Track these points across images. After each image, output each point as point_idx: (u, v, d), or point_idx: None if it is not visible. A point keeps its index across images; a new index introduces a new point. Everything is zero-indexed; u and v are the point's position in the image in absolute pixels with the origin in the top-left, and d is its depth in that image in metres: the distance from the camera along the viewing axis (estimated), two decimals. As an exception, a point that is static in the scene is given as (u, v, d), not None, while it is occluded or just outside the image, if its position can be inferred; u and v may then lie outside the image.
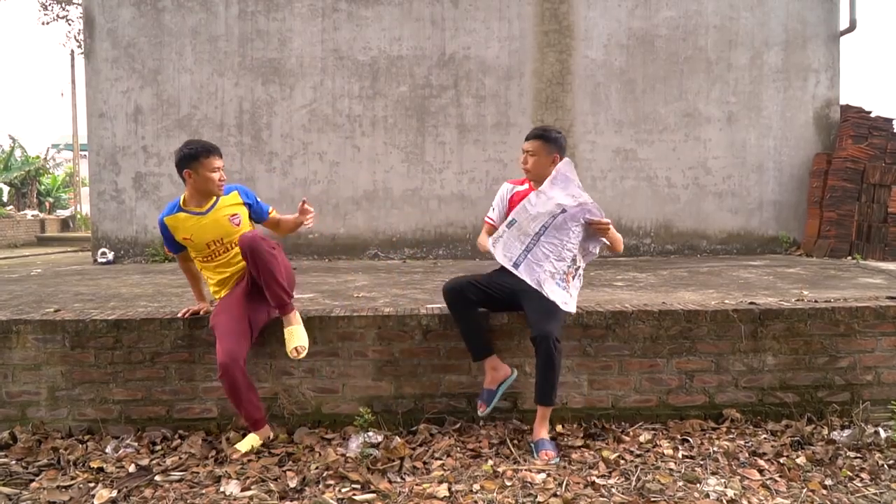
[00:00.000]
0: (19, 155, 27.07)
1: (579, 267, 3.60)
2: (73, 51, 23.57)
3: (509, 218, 3.55)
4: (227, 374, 3.27)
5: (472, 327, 3.58)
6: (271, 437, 3.53)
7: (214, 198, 3.64)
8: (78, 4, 16.80)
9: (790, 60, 8.41)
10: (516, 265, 3.47)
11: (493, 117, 8.37)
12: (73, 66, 24.95)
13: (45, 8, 18.30)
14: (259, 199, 3.81)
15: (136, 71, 8.29)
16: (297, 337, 3.47)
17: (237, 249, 3.53)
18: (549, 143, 3.58)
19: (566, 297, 3.47)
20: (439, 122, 8.36)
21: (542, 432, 3.40)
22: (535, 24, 8.32)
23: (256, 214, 3.73)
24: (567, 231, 3.48)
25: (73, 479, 3.15)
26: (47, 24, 18.79)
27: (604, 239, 3.60)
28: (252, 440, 3.44)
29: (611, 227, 3.55)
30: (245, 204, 3.71)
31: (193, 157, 3.64)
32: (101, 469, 3.24)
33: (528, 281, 3.43)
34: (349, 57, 8.32)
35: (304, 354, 3.45)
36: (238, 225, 3.59)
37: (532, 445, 3.37)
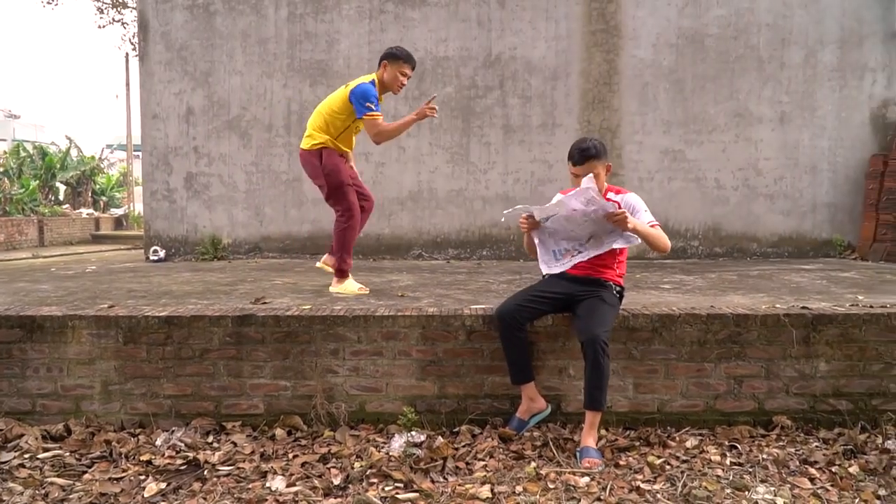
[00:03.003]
0: (75, 155, 27.90)
1: (580, 252, 3.57)
2: (127, 54, 24.25)
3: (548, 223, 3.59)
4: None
5: (518, 352, 3.58)
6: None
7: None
8: (133, 8, 17.25)
9: (846, 59, 8.17)
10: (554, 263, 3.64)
11: (539, 118, 8.33)
12: (127, 68, 25.64)
13: (101, 12, 18.85)
14: (364, 104, 4.57)
15: (189, 73, 8.47)
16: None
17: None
18: (600, 159, 3.58)
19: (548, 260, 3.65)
20: (484, 123, 8.35)
21: (589, 440, 3.36)
22: (583, 24, 8.25)
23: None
24: (576, 221, 3.47)
25: (124, 471, 3.23)
26: (103, 27, 19.40)
27: (630, 234, 3.44)
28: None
29: (630, 219, 3.37)
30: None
31: (395, 57, 4.64)
32: (150, 462, 3.32)
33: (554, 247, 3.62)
34: (395, 58, 8.34)
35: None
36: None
37: (577, 453, 3.33)
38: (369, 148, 8.35)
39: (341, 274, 4.88)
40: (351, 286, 4.85)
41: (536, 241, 3.67)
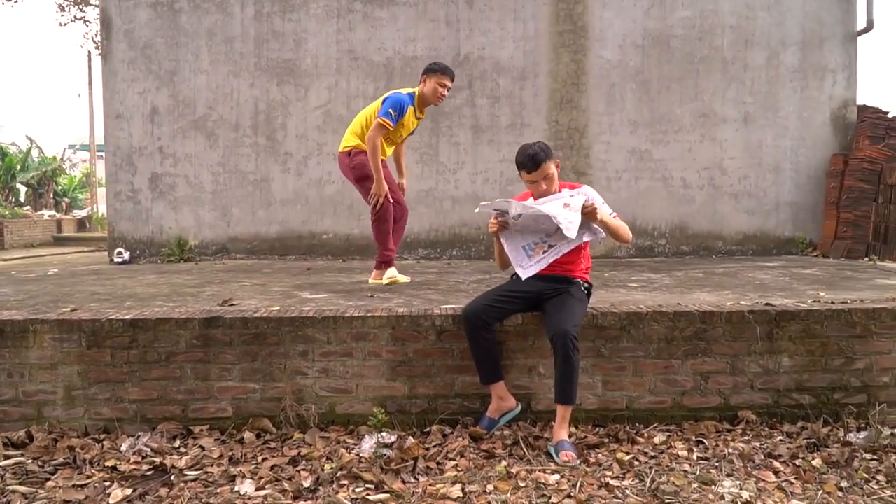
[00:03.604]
0: (36, 155, 27.34)
1: (552, 245, 3.60)
2: (90, 52, 23.83)
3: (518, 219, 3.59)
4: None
5: (485, 352, 3.59)
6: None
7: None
8: (95, 6, 16.95)
9: (807, 60, 8.34)
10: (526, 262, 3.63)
11: (508, 118, 8.36)
12: (90, 67, 25.21)
13: (63, 9, 18.49)
14: (387, 109, 4.77)
15: (153, 72, 8.35)
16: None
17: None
18: (550, 158, 3.59)
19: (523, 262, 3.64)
20: (454, 123, 8.36)
21: (563, 433, 3.38)
22: (550, 25, 8.31)
23: None
24: (545, 219, 3.49)
25: (88, 477, 3.17)
26: (65, 25, 19.03)
27: (597, 226, 3.57)
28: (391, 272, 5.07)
29: (600, 211, 3.50)
30: None
31: (433, 71, 4.86)
32: (115, 468, 3.26)
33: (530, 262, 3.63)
34: (364, 58, 8.34)
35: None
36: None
37: (552, 448, 3.35)
38: (338, 147, 8.31)
39: (386, 265, 5.16)
40: (394, 273, 5.12)
41: (504, 241, 3.66)
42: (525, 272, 3.61)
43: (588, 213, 3.46)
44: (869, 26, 8.32)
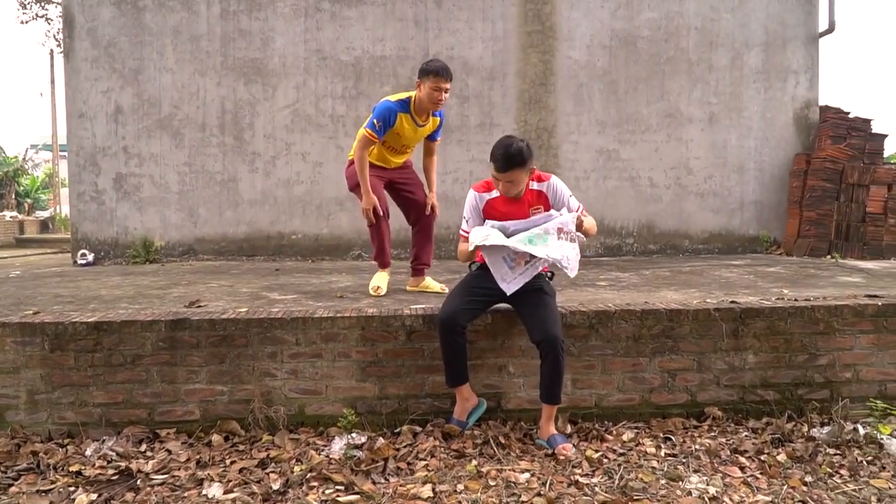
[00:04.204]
0: (-3, 155, 26.76)
1: (533, 255, 3.43)
2: (52, 50, 23.37)
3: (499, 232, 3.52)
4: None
5: (457, 354, 3.57)
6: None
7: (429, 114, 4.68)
8: (57, 3, 16.62)
9: (770, 62, 8.48)
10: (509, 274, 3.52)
11: (477, 118, 8.38)
12: (52, 65, 24.72)
13: (24, 7, 18.10)
14: (371, 119, 4.51)
15: (117, 71, 8.21)
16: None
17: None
18: (523, 167, 3.42)
19: (510, 275, 3.50)
20: (423, 123, 8.34)
21: (551, 428, 3.46)
22: (519, 25, 8.34)
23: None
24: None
25: (52, 483, 3.11)
26: (26, 23, 18.57)
27: (580, 234, 3.50)
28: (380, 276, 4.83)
29: (585, 223, 3.49)
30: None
31: (426, 73, 4.42)
32: (80, 473, 3.20)
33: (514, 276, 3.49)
34: (332, 57, 8.29)
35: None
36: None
37: (543, 442, 3.43)
38: (306, 147, 8.27)
39: (379, 267, 5.01)
40: (379, 284, 4.84)
41: (485, 254, 3.52)
42: (509, 287, 3.46)
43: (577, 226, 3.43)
44: (831, 28, 8.49)
